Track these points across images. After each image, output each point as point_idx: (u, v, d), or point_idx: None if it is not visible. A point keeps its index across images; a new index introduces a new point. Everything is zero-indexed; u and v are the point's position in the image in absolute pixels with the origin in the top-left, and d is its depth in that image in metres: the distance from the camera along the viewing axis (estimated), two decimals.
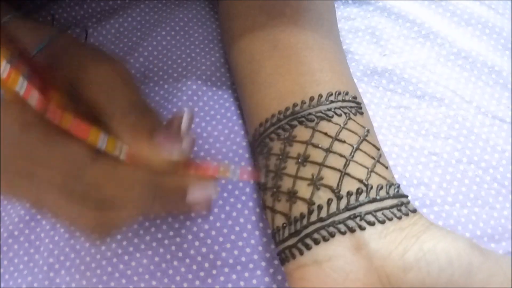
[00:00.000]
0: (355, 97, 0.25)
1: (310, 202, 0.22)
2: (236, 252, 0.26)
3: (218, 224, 0.26)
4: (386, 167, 0.23)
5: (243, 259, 0.26)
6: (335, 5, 0.34)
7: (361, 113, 0.24)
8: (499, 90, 0.31)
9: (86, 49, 0.25)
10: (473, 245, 0.21)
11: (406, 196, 0.23)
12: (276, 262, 0.25)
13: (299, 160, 0.23)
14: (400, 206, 0.22)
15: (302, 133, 0.23)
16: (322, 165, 0.22)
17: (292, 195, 0.23)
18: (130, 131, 0.20)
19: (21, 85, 0.18)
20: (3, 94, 0.19)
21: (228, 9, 0.30)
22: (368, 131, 0.24)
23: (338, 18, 0.33)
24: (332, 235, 0.21)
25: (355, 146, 0.23)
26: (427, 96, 0.30)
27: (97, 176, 0.19)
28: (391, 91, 0.30)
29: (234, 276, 0.25)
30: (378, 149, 0.23)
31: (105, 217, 0.20)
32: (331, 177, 0.22)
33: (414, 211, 0.22)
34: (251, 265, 0.25)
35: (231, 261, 0.26)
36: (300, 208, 0.22)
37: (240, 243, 0.26)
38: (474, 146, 0.29)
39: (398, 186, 0.23)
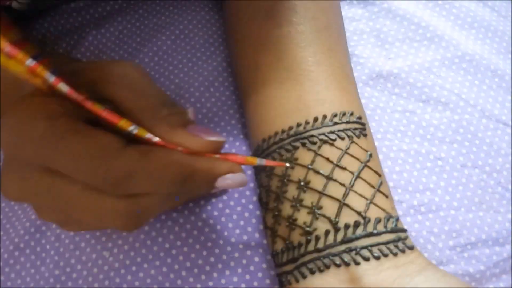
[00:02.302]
0: (360, 118, 0.24)
1: (307, 232, 0.22)
2: (244, 261, 0.26)
3: (225, 233, 0.26)
4: (386, 196, 0.23)
5: (252, 268, 0.26)
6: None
7: (365, 135, 0.24)
8: (502, 94, 0.31)
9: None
10: None
11: (405, 230, 0.22)
12: None
13: (300, 185, 0.23)
14: (397, 241, 0.22)
15: (304, 156, 0.23)
16: (321, 193, 0.22)
17: (292, 222, 0.23)
18: (163, 123, 0.20)
19: (49, 74, 0.18)
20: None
21: (233, 11, 0.29)
22: (370, 155, 0.23)
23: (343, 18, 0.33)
24: (327, 266, 0.21)
25: (355, 174, 0.22)
26: (432, 100, 0.30)
27: (128, 162, 0.19)
28: (396, 95, 0.30)
29: (243, 285, 0.25)
30: (379, 175, 0.23)
31: (136, 205, 0.20)
32: (330, 207, 0.22)
33: (411, 247, 0.22)
34: (260, 274, 0.25)
35: (239, 270, 0.26)
36: (298, 235, 0.22)
37: (249, 252, 0.26)
38: (478, 150, 0.29)
39: (397, 219, 0.22)
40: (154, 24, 0.34)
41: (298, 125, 0.24)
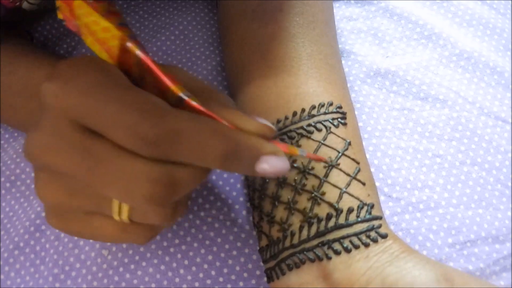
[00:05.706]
0: (340, 107, 0.24)
1: (283, 228, 0.22)
2: (242, 259, 0.26)
3: (223, 231, 0.26)
4: (364, 183, 0.22)
5: (250, 266, 0.26)
6: (337, 5, 0.34)
7: (344, 124, 0.24)
8: (501, 91, 0.31)
9: None
10: (441, 278, 0.19)
11: (380, 218, 0.22)
12: None
13: (279, 181, 0.23)
14: (370, 231, 0.21)
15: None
16: (297, 188, 0.22)
17: (270, 219, 0.23)
18: (218, 102, 0.19)
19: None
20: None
21: (225, 12, 0.29)
22: (349, 143, 0.23)
23: (340, 17, 0.33)
24: (302, 262, 0.21)
25: (330, 164, 0.22)
26: (430, 98, 0.30)
27: (177, 120, 0.17)
28: (394, 93, 0.30)
29: (241, 283, 0.25)
30: (358, 162, 0.23)
31: (171, 174, 0.18)
32: (304, 201, 0.22)
33: (385, 236, 0.21)
34: (257, 272, 0.25)
35: (237, 268, 0.26)
36: (277, 232, 0.23)
37: (247, 250, 0.26)
38: (477, 147, 0.29)
39: (372, 206, 0.22)
40: (154, 25, 0.34)
41: (278, 121, 0.24)
